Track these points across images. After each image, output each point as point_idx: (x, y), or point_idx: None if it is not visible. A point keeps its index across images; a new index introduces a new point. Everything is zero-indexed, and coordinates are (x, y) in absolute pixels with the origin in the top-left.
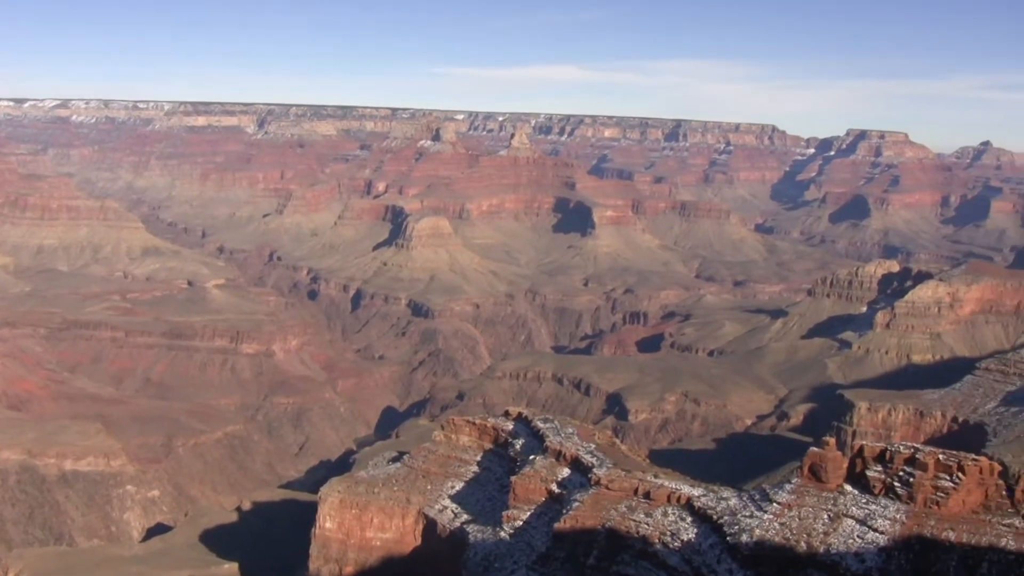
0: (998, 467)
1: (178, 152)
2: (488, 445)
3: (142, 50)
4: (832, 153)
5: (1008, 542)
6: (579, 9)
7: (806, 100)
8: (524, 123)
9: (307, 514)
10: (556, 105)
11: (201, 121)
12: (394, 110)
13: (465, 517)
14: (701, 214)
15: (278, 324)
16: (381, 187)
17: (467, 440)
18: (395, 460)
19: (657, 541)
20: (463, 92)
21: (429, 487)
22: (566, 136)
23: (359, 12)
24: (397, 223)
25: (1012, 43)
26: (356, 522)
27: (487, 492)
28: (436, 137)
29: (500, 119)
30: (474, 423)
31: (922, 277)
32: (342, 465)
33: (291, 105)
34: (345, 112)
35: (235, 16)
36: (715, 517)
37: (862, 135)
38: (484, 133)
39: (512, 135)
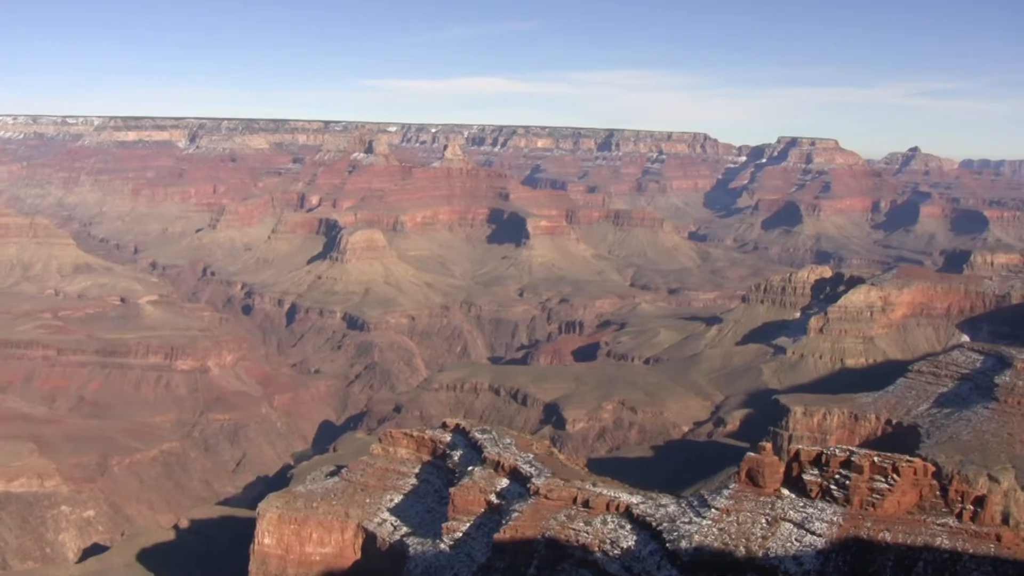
0: (932, 468)
1: (109, 167)
2: (426, 457)
3: (71, 65)
4: (764, 160)
5: (942, 541)
6: (511, 21)
7: (737, 108)
8: (457, 134)
9: (245, 530)
10: (489, 116)
11: (132, 136)
12: (327, 123)
13: (405, 530)
14: (635, 223)
15: (213, 340)
16: (314, 200)
17: (405, 452)
18: (333, 474)
19: (597, 549)
20: (396, 104)
21: (368, 500)
22: (499, 147)
23: (291, 26)
24: (331, 236)
25: (939, 52)
26: (295, 537)
27: (426, 504)
28: (369, 149)
29: (433, 131)
30: (412, 435)
31: (854, 282)
32: (280, 480)
33: (223, 119)
34: (277, 125)
35: (166, 30)
36: (654, 524)
37: (793, 142)
38: (417, 145)
39: (445, 146)
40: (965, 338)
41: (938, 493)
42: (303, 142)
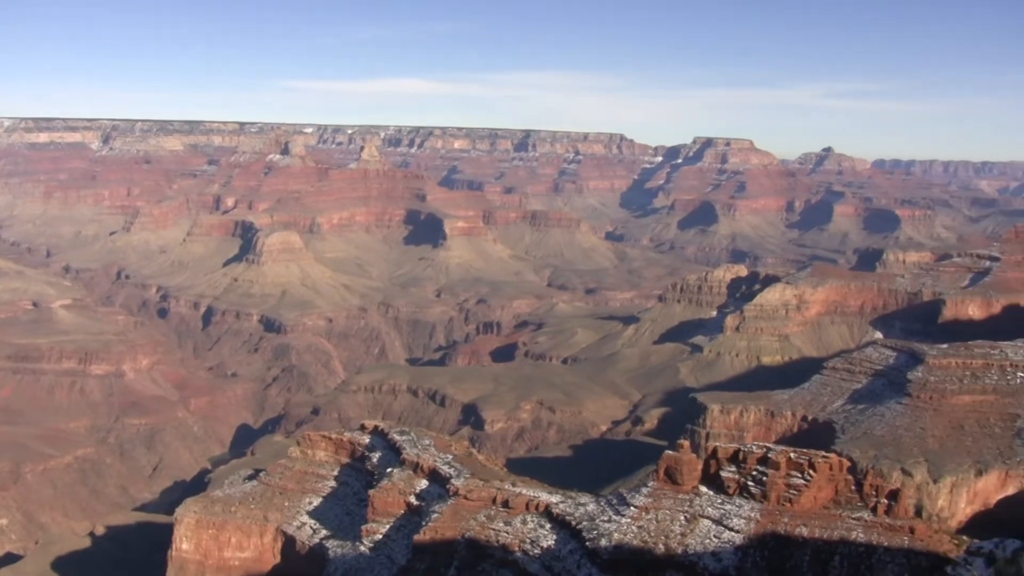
0: (847, 463)
1: (19, 170)
2: (345, 459)
3: None
4: (679, 161)
5: (858, 535)
6: (428, 22)
7: (653, 109)
8: (374, 136)
9: (163, 536)
10: (406, 117)
11: (43, 138)
12: (242, 124)
13: (324, 533)
14: (551, 223)
15: (128, 344)
16: (230, 202)
17: (323, 455)
18: (251, 478)
19: (517, 549)
20: (312, 105)
21: (287, 504)
22: (416, 148)
23: (205, 26)
24: (247, 238)
25: (852, 54)
26: (213, 542)
27: (345, 507)
28: (285, 151)
29: (349, 132)
30: (330, 438)
31: (769, 281)
32: (197, 485)
33: (136, 120)
34: (192, 127)
35: (78, 29)
36: (574, 523)
37: (708, 143)
38: (334, 146)
39: (362, 148)
40: (878, 335)
41: (853, 488)
42: (218, 144)
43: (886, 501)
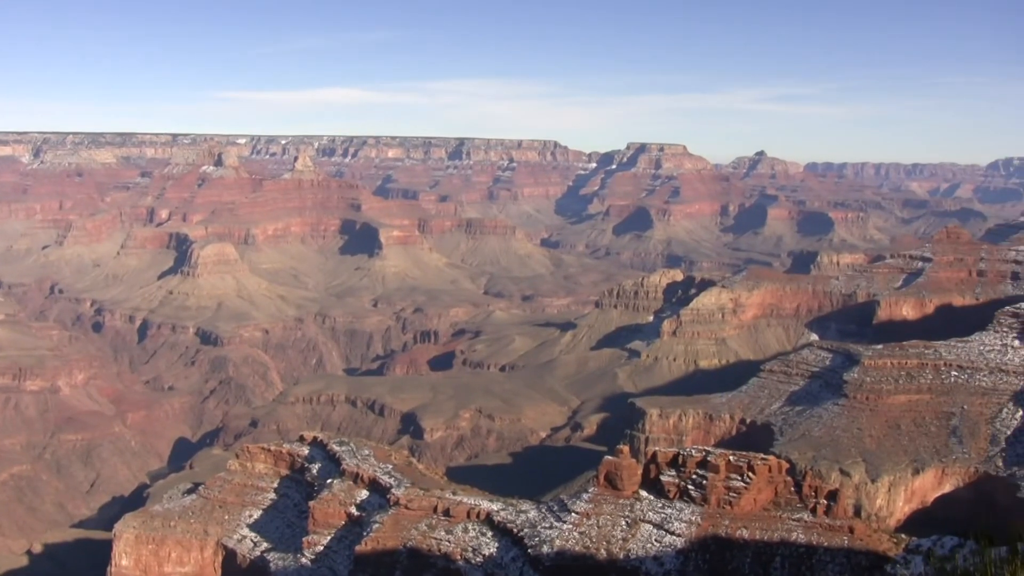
0: (786, 465)
1: None
2: (284, 471)
3: None
4: (614, 167)
5: (798, 536)
6: (361, 31)
7: (587, 116)
8: (307, 146)
9: (102, 553)
10: (339, 127)
11: None
12: (175, 136)
13: (265, 545)
14: (487, 231)
15: (62, 359)
16: (164, 215)
17: (263, 467)
18: (190, 492)
19: (459, 557)
20: (244, 116)
21: (227, 517)
22: (350, 157)
23: (137, 37)
24: (182, 251)
25: (783, 58)
26: (153, 558)
27: (286, 519)
28: (218, 162)
29: (283, 142)
30: (269, 450)
31: (705, 285)
32: (136, 500)
33: (68, 133)
34: (124, 139)
35: (6, 41)
36: (515, 530)
37: (642, 148)
38: (267, 157)
39: (295, 158)
40: (814, 337)
41: (792, 489)
42: (151, 156)
43: (825, 502)
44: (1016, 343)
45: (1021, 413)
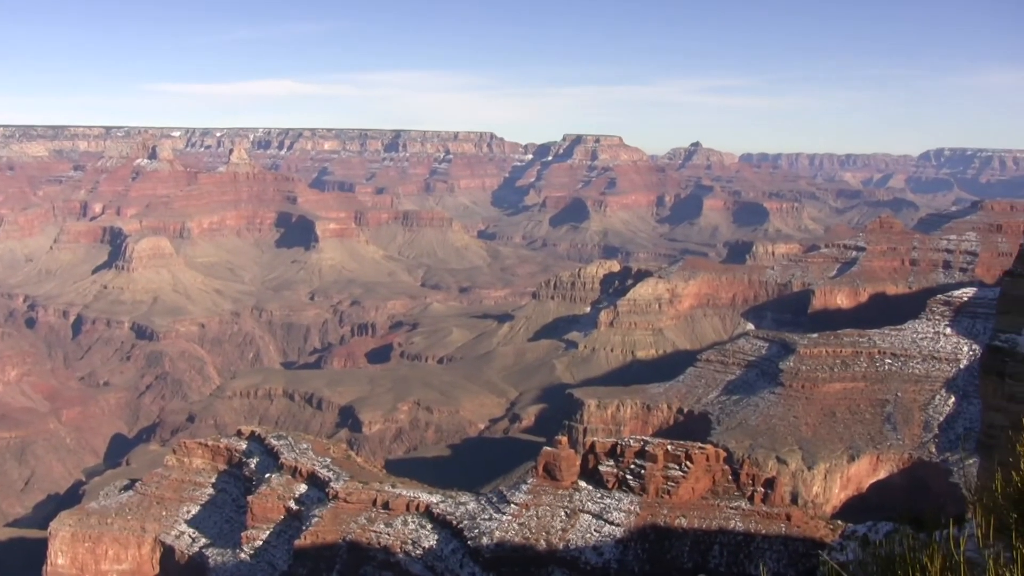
0: (723, 453)
1: None
2: (222, 466)
3: None
4: (550, 158)
5: (736, 524)
6: (295, 22)
7: (523, 107)
8: (242, 138)
9: (37, 552)
10: (275, 119)
11: None
12: (108, 129)
13: (204, 541)
14: (424, 223)
15: None
16: (97, 208)
17: (200, 463)
18: (127, 488)
19: (399, 550)
20: (179, 109)
21: (164, 513)
22: (285, 150)
23: (67, 28)
24: (116, 245)
25: (718, 50)
26: (90, 555)
27: (224, 514)
28: (153, 155)
29: (218, 135)
30: (206, 445)
31: (642, 276)
32: (71, 498)
33: None
34: (56, 132)
35: None
36: (455, 522)
37: (578, 140)
38: (202, 150)
39: (231, 151)
40: (750, 326)
41: (730, 477)
42: (84, 149)
43: (762, 489)
44: (948, 331)
45: (953, 400)
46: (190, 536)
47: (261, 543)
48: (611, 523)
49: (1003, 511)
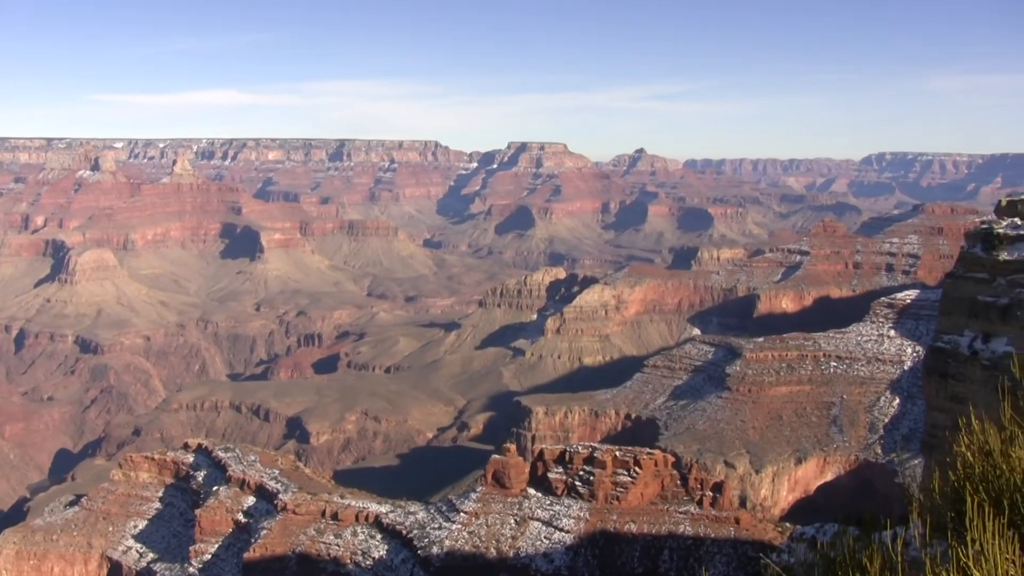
0: (671, 458)
1: None
2: (169, 480)
3: None
4: (495, 166)
5: (686, 528)
6: (238, 32)
7: (468, 115)
8: (186, 149)
9: None
10: (218, 129)
11: None
12: (49, 140)
13: (151, 556)
14: (369, 232)
15: None
16: (39, 221)
17: (147, 476)
18: (73, 504)
19: (349, 561)
20: (121, 119)
21: (111, 528)
22: (229, 160)
23: (6, 39)
24: (59, 258)
25: (661, 57)
26: (36, 573)
27: (172, 528)
28: (95, 167)
29: (161, 146)
30: (153, 458)
31: (588, 282)
32: (16, 514)
33: None
34: None
35: None
36: (404, 532)
37: (523, 147)
38: (145, 161)
39: (174, 162)
40: (696, 331)
41: (679, 482)
42: (25, 160)
43: (711, 494)
44: (892, 333)
45: (898, 401)
46: (137, 551)
47: (210, 557)
48: (561, 530)
49: (941, 511)
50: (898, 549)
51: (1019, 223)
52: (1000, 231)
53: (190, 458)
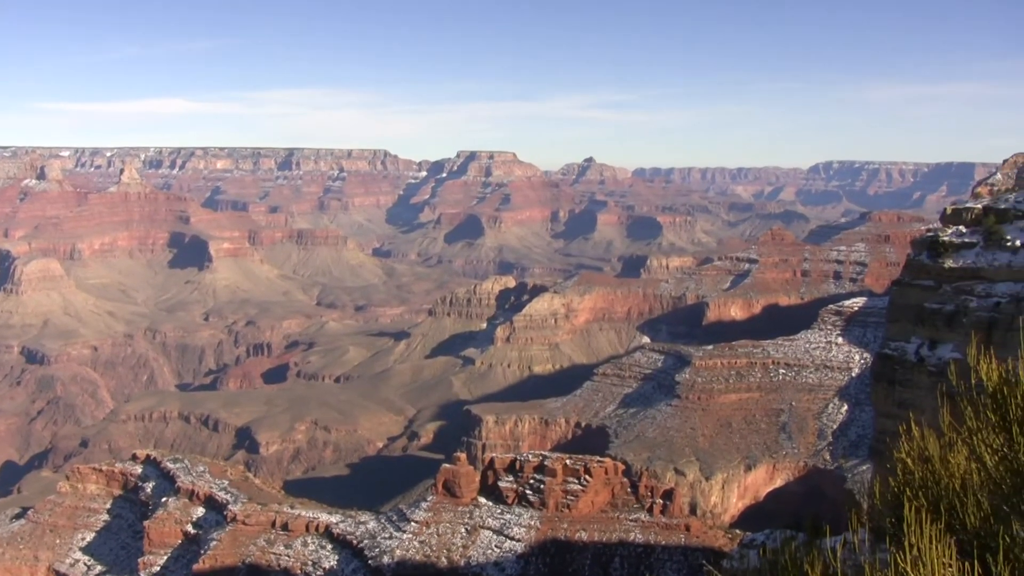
0: (622, 466)
1: None
2: (117, 491)
3: None
4: (444, 175)
5: (636, 536)
6: (185, 40)
7: (417, 124)
8: (133, 158)
9: None
10: (166, 138)
11: None
12: None
13: (99, 569)
14: (318, 241)
15: None
16: None
17: (95, 488)
18: (18, 517)
19: (300, 572)
20: (67, 128)
21: (58, 541)
22: (178, 169)
23: None
24: (4, 267)
25: (609, 66)
26: None
27: (120, 540)
28: (41, 175)
29: (108, 154)
30: (100, 470)
31: (537, 291)
32: None
33: None
34: None
35: None
36: (355, 542)
37: (472, 156)
38: (92, 170)
39: (121, 170)
40: (646, 339)
41: (629, 490)
42: None
43: (661, 501)
44: (840, 340)
45: (846, 407)
46: (85, 564)
47: (158, 568)
48: (512, 538)
49: (880, 516)
50: (837, 555)
51: (964, 231)
52: (946, 239)
53: (138, 469)
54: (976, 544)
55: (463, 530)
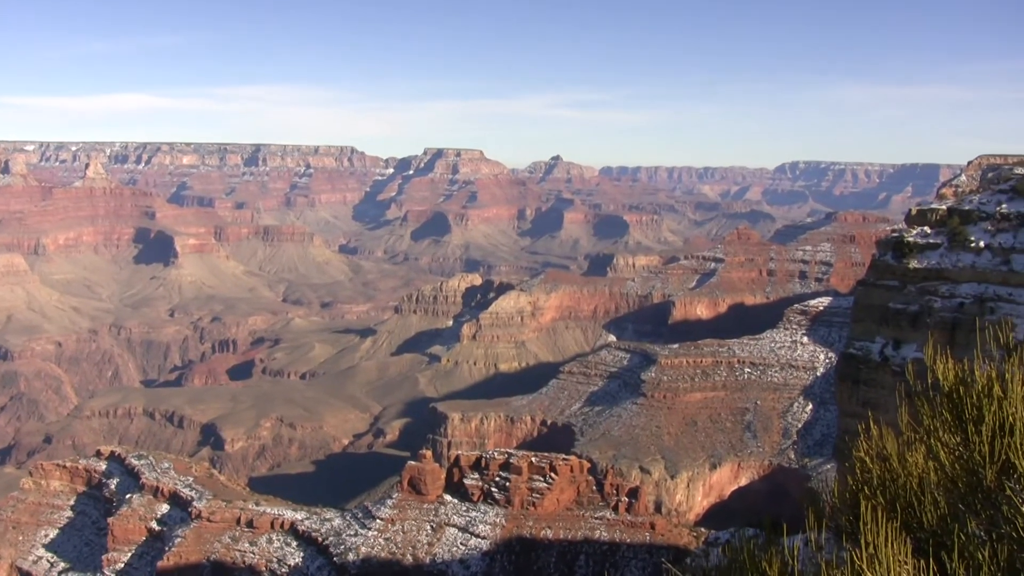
0: (587, 464)
1: None
2: (81, 488)
3: None
4: (411, 172)
5: (601, 533)
6: (151, 35)
7: (384, 121)
8: (99, 152)
9: None
10: (132, 133)
11: None
12: None
13: (63, 566)
14: (284, 238)
15: None
16: None
17: (58, 485)
18: None
19: (264, 569)
20: (32, 122)
21: (21, 538)
22: (143, 165)
23: None
24: None
25: (576, 65)
26: None
27: (84, 537)
28: (5, 170)
29: (73, 149)
30: (64, 466)
31: (504, 289)
32: None
33: None
34: None
35: None
36: (320, 539)
37: (439, 153)
38: (57, 164)
39: (87, 165)
40: (612, 338)
41: (594, 488)
42: None
43: (626, 499)
44: (805, 339)
45: (811, 407)
46: (48, 561)
47: (123, 566)
48: (477, 536)
49: (838, 514)
50: (795, 552)
51: (928, 232)
52: (910, 240)
53: (102, 466)
54: (932, 542)
55: (428, 527)
